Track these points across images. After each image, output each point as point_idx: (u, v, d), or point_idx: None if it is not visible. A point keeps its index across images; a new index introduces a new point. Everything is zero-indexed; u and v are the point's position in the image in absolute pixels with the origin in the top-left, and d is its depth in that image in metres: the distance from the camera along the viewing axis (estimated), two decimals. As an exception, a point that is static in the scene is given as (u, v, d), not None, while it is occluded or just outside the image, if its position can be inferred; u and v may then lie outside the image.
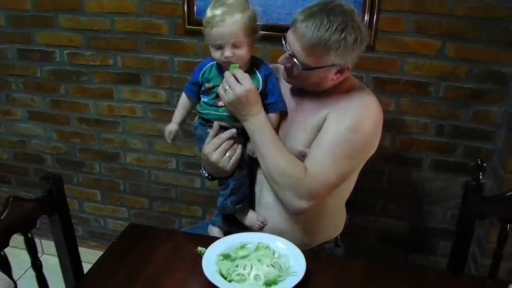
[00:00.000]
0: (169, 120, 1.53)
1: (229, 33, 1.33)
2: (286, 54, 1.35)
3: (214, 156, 1.41)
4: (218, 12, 1.32)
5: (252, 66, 1.43)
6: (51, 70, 2.20)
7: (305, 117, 1.42)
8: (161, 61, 2.05)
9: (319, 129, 1.38)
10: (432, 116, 1.89)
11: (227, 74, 1.35)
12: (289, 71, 1.38)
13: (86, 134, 2.28)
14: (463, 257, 1.42)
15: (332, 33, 1.24)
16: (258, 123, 1.38)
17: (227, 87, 1.34)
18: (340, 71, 1.34)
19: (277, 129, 1.45)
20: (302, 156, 1.39)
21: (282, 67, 1.45)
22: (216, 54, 1.38)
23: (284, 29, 1.35)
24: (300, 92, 1.46)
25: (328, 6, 1.28)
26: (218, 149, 1.42)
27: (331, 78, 1.35)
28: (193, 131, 1.56)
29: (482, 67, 1.80)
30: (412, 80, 1.85)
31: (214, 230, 1.59)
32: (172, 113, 1.53)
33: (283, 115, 1.47)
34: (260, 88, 1.42)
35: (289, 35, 1.32)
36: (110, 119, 2.22)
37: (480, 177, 1.32)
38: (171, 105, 2.10)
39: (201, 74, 1.46)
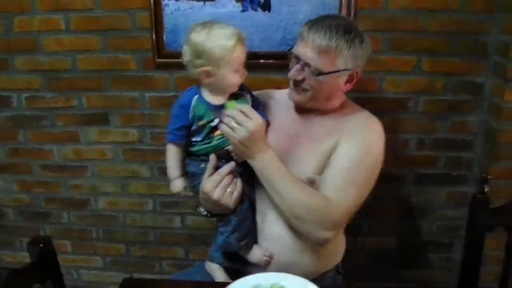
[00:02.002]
0: (142, 160, 1.42)
1: (246, 50, 1.33)
2: (297, 66, 1.32)
3: (216, 194, 1.32)
4: (228, 31, 1.27)
5: None
6: (8, 116, 2.03)
7: (312, 143, 1.38)
8: (131, 98, 1.94)
9: (329, 155, 1.35)
10: (412, 131, 1.91)
11: (232, 112, 1.27)
12: (299, 87, 1.35)
13: (51, 182, 2.12)
14: (475, 272, 1.41)
15: (342, 33, 1.27)
16: (270, 158, 1.32)
17: (236, 125, 1.26)
18: (350, 79, 1.35)
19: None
20: (311, 183, 1.34)
21: (270, 93, 1.45)
22: (237, 77, 1.32)
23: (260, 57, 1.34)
24: (304, 117, 1.43)
25: (330, 15, 1.36)
26: (219, 186, 1.32)
27: (341, 88, 1.36)
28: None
29: (456, 79, 1.84)
30: (391, 97, 1.86)
31: (213, 267, 1.47)
32: (145, 152, 1.43)
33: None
34: (251, 103, 1.39)
35: (298, 48, 1.33)
36: (77, 164, 2.07)
37: (486, 189, 1.32)
38: (143, 143, 2.00)
39: (191, 115, 1.36)
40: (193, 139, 1.39)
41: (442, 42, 1.79)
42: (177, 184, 1.40)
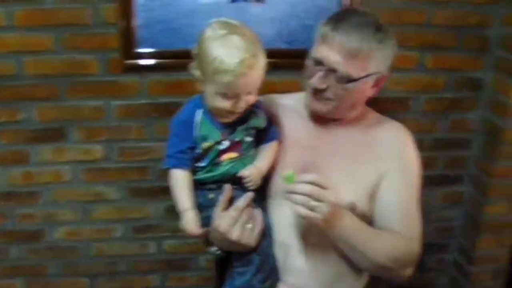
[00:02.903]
0: (109, 181, 1.15)
1: (255, 81, 1.07)
2: (320, 73, 1.13)
3: (235, 233, 1.11)
4: (244, 56, 1.02)
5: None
6: None
7: (343, 161, 1.23)
8: (93, 108, 1.61)
9: (374, 184, 1.22)
10: (412, 132, 1.76)
11: (303, 188, 1.02)
12: (320, 96, 1.17)
13: (-5, 212, 1.74)
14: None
15: (373, 33, 1.11)
16: (351, 223, 1.13)
17: (315, 203, 1.02)
18: (376, 83, 1.19)
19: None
20: (351, 208, 1.17)
21: (274, 99, 1.34)
22: (224, 103, 1.08)
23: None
24: (323, 127, 1.26)
25: (352, 10, 1.21)
26: (237, 223, 1.12)
27: (367, 94, 1.22)
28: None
29: (458, 75, 1.74)
30: (392, 96, 1.71)
31: None
32: (112, 171, 1.17)
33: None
34: (266, 123, 1.20)
35: (319, 51, 1.14)
36: (27, 189, 1.69)
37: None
38: (110, 161, 1.68)
39: (196, 133, 1.13)
40: (196, 165, 1.16)
41: (446, 37, 1.66)
42: (189, 217, 1.14)
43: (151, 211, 1.79)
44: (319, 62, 1.14)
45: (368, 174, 1.22)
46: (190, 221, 1.13)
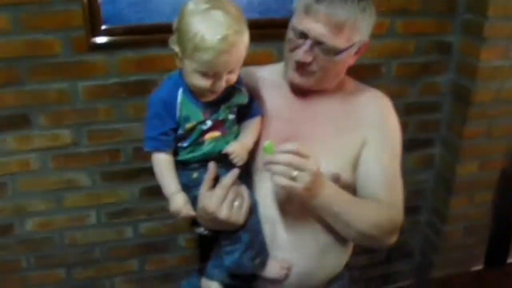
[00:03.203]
0: (80, 167, 1.12)
1: (237, 59, 1.02)
2: (306, 47, 1.09)
3: (223, 212, 1.08)
4: (227, 32, 0.96)
5: None
6: None
7: (324, 132, 1.20)
8: (58, 91, 1.51)
9: (356, 152, 1.21)
10: (385, 98, 1.79)
11: (284, 157, 1.00)
12: (304, 69, 1.14)
13: (-43, 208, 1.61)
14: (506, 247, 1.36)
15: (357, 3, 1.08)
16: (333, 192, 1.12)
17: (296, 173, 1.00)
18: (358, 51, 1.17)
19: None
20: (335, 180, 1.15)
21: (251, 72, 1.27)
22: (203, 82, 1.02)
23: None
24: (303, 99, 1.23)
25: None
26: (224, 202, 1.09)
27: (350, 63, 1.20)
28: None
29: (428, 39, 1.75)
30: (365, 63, 1.69)
31: (212, 286, 1.24)
32: (83, 156, 1.14)
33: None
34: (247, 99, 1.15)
35: (303, 23, 1.09)
36: (-8, 182, 1.59)
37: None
38: (80, 145, 1.59)
39: (179, 113, 1.07)
40: (181, 145, 1.11)
41: (413, 1, 1.66)
42: (179, 200, 1.10)
43: (125, 194, 1.73)
44: (303, 35, 1.10)
45: (350, 143, 1.21)
46: (180, 204, 1.09)
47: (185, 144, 1.10)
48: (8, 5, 1.37)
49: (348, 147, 1.20)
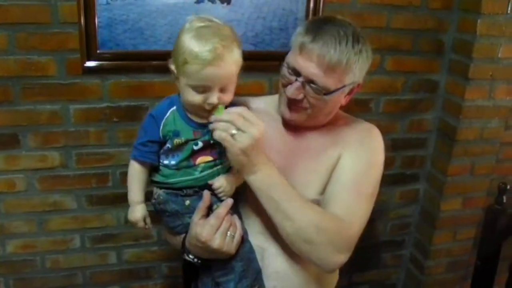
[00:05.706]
0: (66, 190, 1.13)
1: (226, 75, 1.03)
2: (297, 84, 1.10)
3: (217, 242, 1.08)
4: (215, 45, 0.98)
5: None
6: None
7: (311, 160, 1.21)
8: (50, 113, 1.51)
9: (332, 169, 1.20)
10: (373, 133, 1.82)
11: (229, 116, 1.03)
12: (295, 105, 1.15)
13: None
14: (491, 280, 1.37)
15: (351, 45, 1.08)
16: (273, 173, 1.10)
17: (236, 131, 1.02)
18: (350, 92, 1.18)
19: None
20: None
21: (244, 102, 1.23)
22: (197, 98, 1.04)
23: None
24: (295, 132, 1.23)
25: (330, 18, 1.13)
26: (218, 232, 1.09)
27: (341, 102, 1.20)
28: (156, 207, 1.16)
29: (416, 77, 1.80)
30: (355, 99, 1.72)
31: None
32: (70, 179, 1.15)
33: None
34: None
35: (298, 60, 1.10)
36: (-24, 201, 1.56)
37: (504, 200, 1.28)
38: (68, 168, 1.59)
39: (161, 128, 1.09)
40: (165, 162, 1.12)
41: (403, 40, 1.72)
42: (137, 212, 1.15)
43: (110, 219, 1.71)
44: (296, 72, 1.12)
45: (330, 164, 1.20)
46: (138, 215, 1.15)
47: (173, 162, 1.11)
48: (6, 24, 1.39)
49: (326, 167, 1.19)
